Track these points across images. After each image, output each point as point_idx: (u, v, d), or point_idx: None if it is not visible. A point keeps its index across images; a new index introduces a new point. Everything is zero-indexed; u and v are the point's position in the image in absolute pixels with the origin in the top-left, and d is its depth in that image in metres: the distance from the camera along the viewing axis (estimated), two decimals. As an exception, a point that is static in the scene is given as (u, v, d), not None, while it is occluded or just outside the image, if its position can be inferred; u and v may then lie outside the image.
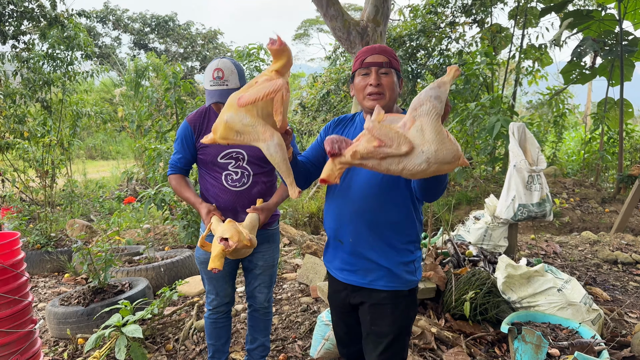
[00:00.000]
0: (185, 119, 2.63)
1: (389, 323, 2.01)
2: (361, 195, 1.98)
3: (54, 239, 5.93)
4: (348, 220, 2.01)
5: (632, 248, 5.89)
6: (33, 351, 2.35)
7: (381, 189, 1.96)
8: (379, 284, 2.00)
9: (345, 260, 2.07)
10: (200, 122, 2.62)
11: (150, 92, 8.61)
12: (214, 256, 2.03)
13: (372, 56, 1.99)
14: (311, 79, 12.70)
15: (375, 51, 2.00)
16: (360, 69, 2.01)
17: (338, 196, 2.06)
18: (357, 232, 2.00)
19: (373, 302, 2.02)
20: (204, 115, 2.63)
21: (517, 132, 4.65)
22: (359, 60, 2.01)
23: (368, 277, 2.02)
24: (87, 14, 11.36)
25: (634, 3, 8.86)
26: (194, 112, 2.67)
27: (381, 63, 1.97)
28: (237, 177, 2.57)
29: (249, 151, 2.57)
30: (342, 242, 2.06)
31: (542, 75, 10.51)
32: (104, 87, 21.14)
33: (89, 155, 19.03)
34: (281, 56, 1.70)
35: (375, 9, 4.04)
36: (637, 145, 10.25)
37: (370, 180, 1.97)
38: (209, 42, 26.89)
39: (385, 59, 1.98)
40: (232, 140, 1.75)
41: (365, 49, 2.06)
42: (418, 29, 10.24)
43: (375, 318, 2.02)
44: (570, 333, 3.21)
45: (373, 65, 1.97)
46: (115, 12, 25.42)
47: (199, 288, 4.43)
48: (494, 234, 4.79)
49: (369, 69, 1.98)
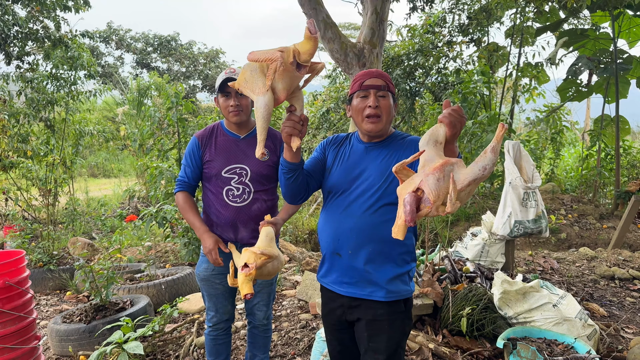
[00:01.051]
0: (195, 134, 2.74)
1: (386, 339, 2.06)
2: (361, 209, 2.04)
3: (56, 257, 5.98)
4: (347, 234, 2.06)
5: (629, 264, 5.93)
6: (37, 367, 2.41)
7: (381, 202, 2.03)
8: (377, 295, 2.05)
9: (343, 273, 2.11)
10: (208, 137, 2.72)
11: (152, 111, 8.72)
12: (240, 284, 2.06)
13: (370, 79, 2.07)
14: (311, 97, 12.85)
15: (373, 75, 2.09)
16: (359, 91, 2.09)
17: (336, 211, 2.12)
18: (356, 245, 2.06)
19: (370, 319, 2.07)
20: (212, 130, 2.75)
21: (512, 150, 4.73)
22: (358, 83, 2.10)
23: (367, 289, 2.06)
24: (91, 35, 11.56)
25: (628, 22, 9.02)
26: (204, 128, 2.77)
27: (379, 86, 2.06)
28: (238, 192, 2.65)
29: (252, 167, 2.66)
30: (341, 255, 2.10)
31: (539, 92, 10.63)
32: (106, 106, 21.35)
33: (91, 173, 19.15)
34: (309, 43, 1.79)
35: (372, 31, 4.15)
36: (634, 161, 10.33)
37: (369, 194, 2.04)
38: (211, 61, 27.18)
39: (383, 83, 2.07)
40: (240, 86, 1.86)
41: (364, 73, 2.13)
42: (416, 48, 10.41)
43: (373, 335, 2.07)
44: (565, 348, 3.25)
45: (372, 88, 2.06)
46: (118, 32, 25.75)
47: (199, 305, 4.48)
48: (491, 250, 4.84)
49: (367, 91, 2.07)
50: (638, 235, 7.89)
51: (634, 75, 9.23)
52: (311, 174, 2.21)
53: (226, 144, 2.70)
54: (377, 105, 2.04)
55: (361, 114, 2.08)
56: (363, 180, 2.07)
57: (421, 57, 10.33)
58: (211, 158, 2.67)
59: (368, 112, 2.05)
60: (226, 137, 2.72)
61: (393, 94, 2.12)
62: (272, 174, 2.73)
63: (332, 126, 11.02)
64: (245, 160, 2.66)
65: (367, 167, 2.09)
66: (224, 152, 2.68)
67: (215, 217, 2.68)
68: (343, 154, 2.19)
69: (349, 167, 2.13)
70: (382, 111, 2.06)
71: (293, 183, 2.12)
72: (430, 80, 10.96)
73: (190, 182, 2.75)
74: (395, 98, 2.15)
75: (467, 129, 8.06)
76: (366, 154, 2.13)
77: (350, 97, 2.15)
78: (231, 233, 2.67)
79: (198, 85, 27.20)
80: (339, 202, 2.12)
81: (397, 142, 2.13)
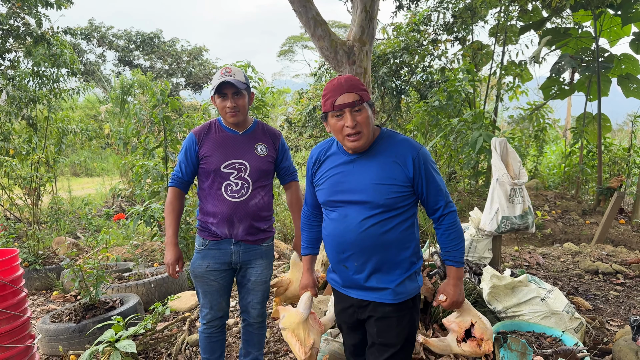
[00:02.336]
0: (192, 130, 2.74)
1: (395, 335, 2.09)
2: (359, 223, 2.04)
3: (41, 256, 5.91)
4: (350, 248, 2.07)
5: (612, 258, 6.06)
6: (31, 366, 2.39)
7: (380, 214, 2.03)
8: (386, 298, 2.07)
9: (352, 281, 2.14)
10: (205, 132, 2.73)
11: (137, 109, 8.65)
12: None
13: (342, 96, 1.96)
14: (297, 95, 12.84)
15: (344, 89, 1.97)
16: (333, 111, 1.99)
17: (335, 225, 2.12)
18: (361, 257, 2.07)
19: (379, 316, 2.10)
20: (209, 127, 2.75)
21: (499, 147, 4.79)
22: (330, 102, 1.99)
23: (376, 294, 2.09)
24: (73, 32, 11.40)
25: (609, 21, 9.19)
26: (201, 125, 2.79)
27: (353, 102, 1.96)
28: (237, 187, 2.66)
29: (252, 163, 2.68)
30: (348, 268, 2.12)
31: (523, 90, 10.76)
32: (88, 104, 21.09)
33: (73, 172, 18.90)
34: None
35: (361, 29, 4.17)
36: (615, 158, 10.52)
37: (364, 207, 2.03)
38: (194, 58, 27.01)
39: (356, 97, 1.96)
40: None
41: (332, 87, 2.00)
42: (402, 46, 10.46)
43: (382, 331, 2.10)
44: (553, 341, 3.31)
45: (345, 107, 1.96)
46: (99, 29, 25.44)
47: (190, 303, 4.46)
48: (478, 246, 4.91)
49: (342, 111, 1.97)
50: (620, 230, 8.05)
51: (615, 74, 9.40)
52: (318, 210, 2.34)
53: (224, 139, 2.71)
54: (356, 123, 1.97)
55: (341, 133, 2.01)
56: (355, 194, 2.05)
57: (407, 56, 10.39)
58: (209, 153, 2.67)
59: (348, 132, 1.98)
60: (224, 133, 2.73)
61: (368, 101, 2.03)
62: (270, 169, 2.77)
63: (318, 124, 11.03)
64: (245, 156, 2.68)
65: (358, 180, 2.05)
66: (222, 147, 2.69)
67: (212, 213, 2.69)
68: (328, 169, 2.16)
69: (337, 181, 2.10)
70: (362, 127, 1.98)
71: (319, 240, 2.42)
72: (416, 79, 11.02)
73: (184, 179, 2.75)
74: (371, 103, 2.07)
75: (453, 126, 8.13)
76: (353, 166, 2.09)
77: (325, 114, 2.06)
78: (226, 229, 2.68)
79: (181, 82, 27.02)
80: (336, 216, 2.12)
81: (386, 146, 2.08)
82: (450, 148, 8.68)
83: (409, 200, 2.08)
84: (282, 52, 30.50)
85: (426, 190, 2.07)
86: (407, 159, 2.03)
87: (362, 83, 2.05)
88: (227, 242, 2.72)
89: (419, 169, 2.04)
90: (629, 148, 10.67)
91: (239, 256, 2.74)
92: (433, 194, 2.09)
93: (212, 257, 2.73)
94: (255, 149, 2.71)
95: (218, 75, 2.63)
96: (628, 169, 10.42)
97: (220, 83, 2.58)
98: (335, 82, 2.01)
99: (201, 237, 2.77)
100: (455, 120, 8.16)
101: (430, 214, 2.16)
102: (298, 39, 28.93)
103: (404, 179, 2.03)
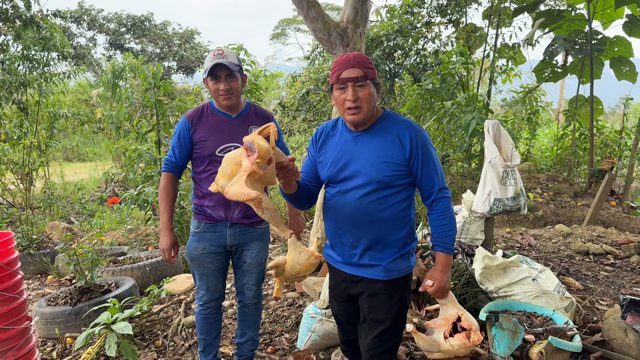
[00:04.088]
0: (184, 114, 2.73)
1: (386, 311, 2.14)
2: (357, 199, 2.09)
3: (35, 241, 5.91)
4: (348, 224, 2.13)
5: (603, 239, 6.14)
6: (29, 347, 2.41)
7: (377, 192, 2.08)
8: (378, 275, 2.13)
9: (347, 257, 2.20)
10: (198, 117, 2.71)
11: (130, 93, 8.58)
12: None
13: (347, 71, 2.02)
14: (290, 79, 12.78)
15: (350, 64, 2.03)
16: (337, 84, 2.05)
17: (335, 200, 2.17)
18: (357, 233, 2.13)
19: (371, 292, 2.16)
20: (201, 110, 2.74)
21: (492, 130, 4.82)
22: (335, 75, 2.05)
23: (368, 270, 2.15)
24: (62, 15, 11.25)
25: (602, 3, 9.17)
26: (193, 108, 2.77)
27: (357, 77, 2.01)
28: None
29: None
30: (343, 243, 2.18)
31: (516, 73, 10.77)
32: (79, 88, 20.87)
33: (66, 157, 18.78)
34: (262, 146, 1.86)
35: (355, 10, 4.15)
36: (607, 140, 10.59)
37: (362, 183, 2.08)
38: (186, 42, 26.76)
39: (360, 73, 2.01)
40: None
41: (340, 61, 2.07)
42: (395, 29, 10.40)
43: (373, 307, 2.16)
44: (544, 320, 3.37)
45: (349, 81, 2.02)
46: (90, 12, 25.11)
47: (185, 286, 4.49)
48: (471, 228, 4.95)
49: (345, 84, 2.03)
50: (611, 212, 8.14)
51: (608, 56, 9.41)
52: (312, 179, 2.28)
53: (218, 123, 2.70)
54: (357, 97, 2.02)
55: (342, 106, 2.07)
56: (355, 170, 2.10)
57: (400, 38, 10.34)
58: (204, 138, 2.67)
59: (348, 105, 2.04)
60: (217, 117, 2.72)
61: (373, 78, 2.07)
62: None
63: (311, 108, 11.00)
64: (239, 139, 2.66)
65: (358, 156, 2.10)
66: (216, 131, 2.68)
67: (208, 196, 2.69)
68: (332, 145, 2.21)
69: (339, 158, 2.15)
70: (362, 102, 2.03)
71: (299, 200, 2.22)
72: (410, 62, 10.99)
73: (178, 164, 2.75)
74: (377, 82, 2.11)
75: (447, 109, 8.14)
76: (355, 143, 2.14)
77: (331, 86, 2.13)
78: (222, 212, 2.69)
79: (173, 66, 26.78)
80: (335, 192, 2.17)
81: (388, 126, 2.13)
82: (443, 131, 8.69)
83: (406, 180, 2.12)
84: (275, 35, 30.24)
85: (421, 173, 2.11)
86: (405, 140, 2.08)
87: (370, 61, 2.10)
88: (223, 225, 2.73)
89: (416, 150, 2.08)
90: (621, 131, 10.73)
91: (234, 239, 2.75)
92: (427, 177, 2.11)
93: (207, 239, 2.74)
94: (250, 131, 2.71)
95: (210, 57, 2.62)
96: (619, 151, 10.50)
97: (213, 65, 2.57)
98: (344, 57, 2.07)
99: (197, 220, 2.78)
100: (448, 103, 8.17)
101: (424, 198, 2.19)
102: (291, 22, 28.67)
103: (401, 158, 2.08)
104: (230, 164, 1.95)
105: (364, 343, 2.21)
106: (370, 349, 2.16)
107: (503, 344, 3.09)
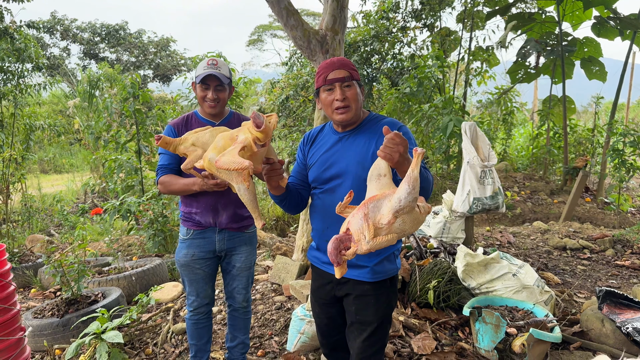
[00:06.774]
0: (169, 123, 2.77)
1: (373, 312, 2.18)
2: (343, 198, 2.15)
3: (17, 254, 5.84)
4: (334, 222, 2.13)
5: (579, 235, 6.32)
6: (24, 358, 2.42)
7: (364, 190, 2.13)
8: (365, 277, 2.17)
9: None
10: (183, 125, 2.76)
11: (108, 103, 8.54)
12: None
13: (333, 72, 2.11)
14: (269, 85, 12.83)
15: (336, 66, 2.12)
16: (325, 85, 2.13)
17: (322, 200, 2.22)
18: None
19: (358, 294, 2.19)
20: (186, 119, 2.79)
21: (469, 131, 4.95)
22: (322, 77, 2.13)
23: (355, 271, 2.18)
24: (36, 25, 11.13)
25: (571, 6, 9.45)
26: (179, 117, 2.81)
27: (343, 78, 2.10)
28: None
29: None
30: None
31: (490, 75, 11.02)
32: (54, 99, 20.57)
33: (42, 169, 18.47)
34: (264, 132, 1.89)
35: (333, 18, 4.23)
36: (580, 139, 10.88)
37: (349, 183, 2.13)
38: (162, 49, 26.58)
39: (346, 73, 2.11)
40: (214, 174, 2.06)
41: (326, 65, 2.16)
42: (372, 34, 10.55)
43: (360, 308, 2.20)
44: (525, 313, 3.49)
45: (336, 81, 2.11)
46: (62, 22, 24.79)
47: (172, 294, 4.51)
48: (452, 227, 5.07)
49: (332, 85, 2.11)
50: (586, 208, 8.37)
51: (578, 57, 9.70)
52: (301, 184, 2.32)
53: None
54: (345, 97, 2.10)
55: (330, 107, 2.14)
56: (341, 169, 2.15)
57: (377, 43, 10.49)
58: None
59: (337, 105, 2.11)
60: (202, 125, 2.76)
61: (358, 80, 2.17)
62: None
63: (291, 113, 11.07)
64: None
65: (344, 156, 2.16)
66: None
67: (195, 203, 2.73)
68: (319, 147, 2.27)
69: (327, 159, 2.21)
70: (350, 101, 2.11)
71: (288, 203, 2.25)
72: (387, 66, 11.15)
73: (173, 167, 2.75)
74: (361, 83, 2.21)
75: (424, 112, 8.29)
76: (341, 144, 2.20)
77: (317, 90, 2.20)
78: (210, 218, 2.74)
79: (149, 75, 26.58)
80: (322, 192, 2.22)
81: (372, 127, 2.19)
82: (422, 134, 8.85)
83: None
84: (252, 42, 30.22)
85: None
86: None
87: (353, 64, 2.19)
88: (212, 231, 2.77)
89: None
90: (593, 129, 11.04)
91: (223, 244, 2.80)
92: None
93: (197, 246, 2.78)
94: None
95: (204, 65, 2.68)
96: (592, 149, 10.79)
97: (206, 75, 2.63)
98: (329, 61, 2.16)
99: (185, 227, 2.81)
100: (426, 106, 8.32)
101: None
102: (267, 28, 28.68)
103: None
104: (224, 139, 1.98)
105: (353, 346, 2.25)
106: (360, 352, 2.20)
107: (487, 337, 3.20)
